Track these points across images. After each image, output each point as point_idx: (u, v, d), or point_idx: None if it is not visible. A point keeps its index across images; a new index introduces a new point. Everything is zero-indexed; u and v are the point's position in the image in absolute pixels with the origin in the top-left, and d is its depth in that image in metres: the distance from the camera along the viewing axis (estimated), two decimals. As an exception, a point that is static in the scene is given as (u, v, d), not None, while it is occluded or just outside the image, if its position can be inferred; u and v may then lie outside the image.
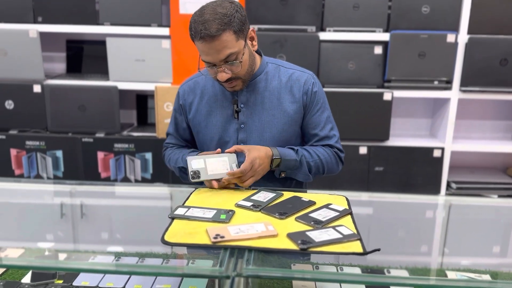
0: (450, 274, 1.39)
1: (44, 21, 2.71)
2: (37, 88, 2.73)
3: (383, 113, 2.69)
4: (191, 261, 1.36)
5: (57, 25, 2.71)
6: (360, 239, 1.12)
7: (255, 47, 1.55)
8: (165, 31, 2.68)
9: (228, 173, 1.44)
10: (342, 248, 1.08)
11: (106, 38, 2.72)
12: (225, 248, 1.08)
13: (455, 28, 2.63)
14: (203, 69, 1.55)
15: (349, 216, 1.26)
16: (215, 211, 1.26)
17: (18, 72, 2.75)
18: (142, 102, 3.03)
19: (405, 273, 1.40)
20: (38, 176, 2.80)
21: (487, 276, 1.38)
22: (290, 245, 1.09)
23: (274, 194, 1.41)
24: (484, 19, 2.60)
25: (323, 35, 2.67)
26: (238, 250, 1.08)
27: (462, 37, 2.62)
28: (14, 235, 1.65)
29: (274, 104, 1.58)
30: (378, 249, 1.08)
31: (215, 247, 1.09)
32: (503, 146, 2.85)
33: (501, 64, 2.62)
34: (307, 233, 1.13)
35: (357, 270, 1.39)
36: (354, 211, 1.30)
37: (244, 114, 1.59)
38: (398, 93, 2.69)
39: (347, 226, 1.18)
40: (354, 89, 2.69)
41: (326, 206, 1.31)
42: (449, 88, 2.70)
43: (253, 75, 1.58)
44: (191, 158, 1.46)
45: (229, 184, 1.47)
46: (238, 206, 1.32)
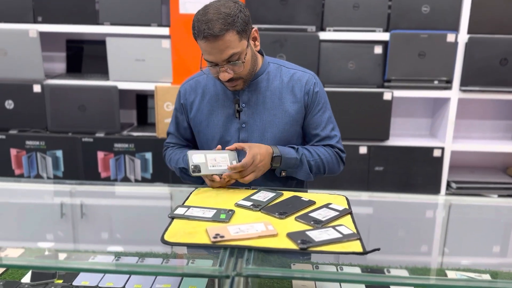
0: (450, 274, 1.39)
1: (44, 21, 2.72)
2: (37, 88, 2.73)
3: (383, 113, 2.69)
4: (191, 261, 1.36)
5: (57, 25, 2.71)
6: (360, 239, 1.12)
7: (258, 47, 1.55)
8: (165, 31, 2.68)
9: (229, 167, 1.43)
10: (342, 248, 1.08)
11: (106, 38, 2.72)
12: (225, 248, 1.08)
13: (455, 28, 2.63)
14: (205, 68, 1.55)
15: (349, 216, 1.26)
16: (215, 211, 1.26)
17: (18, 72, 2.75)
18: (142, 102, 3.03)
19: (405, 273, 1.41)
20: (38, 176, 2.80)
21: (487, 276, 1.38)
22: (290, 245, 1.09)
23: (274, 194, 1.41)
24: (484, 19, 2.60)
25: (323, 35, 2.66)
26: (238, 250, 1.08)
27: (462, 37, 2.62)
28: (14, 235, 1.65)
29: (276, 104, 1.58)
30: (378, 249, 1.08)
31: (215, 247, 1.09)
32: (503, 146, 2.85)
33: (501, 64, 2.62)
34: (307, 233, 1.13)
35: (357, 270, 1.39)
36: (354, 211, 1.30)
37: (246, 114, 1.59)
38: (398, 93, 2.69)
39: (347, 226, 1.18)
40: (354, 89, 2.69)
41: (326, 206, 1.31)
42: (449, 88, 2.69)
43: (255, 75, 1.58)
44: (192, 153, 1.46)
45: (229, 181, 1.47)
46: (238, 206, 1.32)
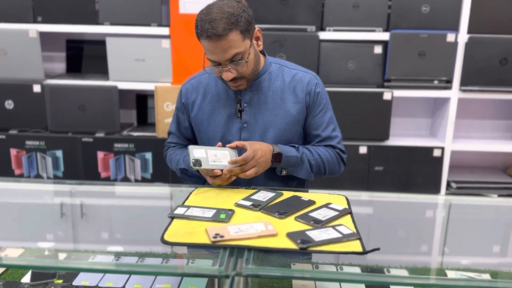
0: (450, 274, 1.39)
1: (44, 21, 2.72)
2: (37, 88, 2.73)
3: (383, 113, 2.69)
4: (191, 261, 1.36)
5: (57, 25, 2.71)
6: (360, 239, 1.12)
7: (260, 47, 1.55)
8: (165, 31, 2.68)
9: (231, 161, 1.43)
10: (342, 248, 1.08)
11: (106, 38, 2.72)
12: (225, 248, 1.08)
13: (455, 28, 2.63)
14: (208, 68, 1.55)
15: (349, 216, 1.26)
16: (215, 211, 1.26)
17: (18, 72, 2.75)
18: (142, 102, 3.03)
19: (405, 273, 1.41)
20: (38, 176, 2.80)
21: (487, 276, 1.38)
22: (290, 245, 1.09)
23: (274, 194, 1.41)
24: (484, 19, 2.60)
25: (323, 35, 2.66)
26: (238, 250, 1.08)
27: (462, 37, 2.62)
28: (14, 235, 1.65)
29: (277, 104, 1.58)
30: (378, 249, 1.08)
31: (215, 247, 1.09)
32: (503, 146, 2.85)
33: (501, 64, 2.62)
34: (307, 233, 1.13)
35: (357, 270, 1.39)
36: (354, 211, 1.30)
37: (247, 114, 1.59)
38: (398, 93, 2.69)
39: (347, 226, 1.18)
40: (354, 89, 2.69)
41: (326, 206, 1.31)
42: (449, 88, 2.69)
43: (257, 75, 1.58)
44: (193, 147, 1.45)
45: (230, 178, 1.46)
46: (238, 206, 1.32)
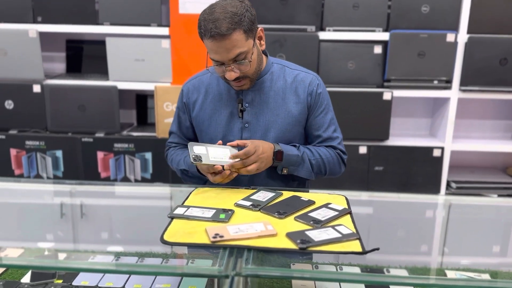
0: (450, 274, 1.39)
1: (44, 21, 2.72)
2: (37, 88, 2.73)
3: (383, 113, 2.69)
4: (191, 261, 1.37)
5: (57, 25, 2.71)
6: (359, 239, 1.12)
7: (263, 47, 1.56)
8: (165, 31, 2.68)
9: (232, 155, 1.43)
10: (341, 248, 1.08)
11: (106, 38, 2.72)
12: (224, 248, 1.08)
13: (455, 28, 2.63)
14: (210, 67, 1.55)
15: (348, 216, 1.26)
16: (214, 211, 1.26)
17: (18, 72, 2.75)
18: (142, 102, 3.03)
19: (405, 273, 1.41)
20: (38, 176, 2.80)
21: (487, 276, 1.38)
22: (289, 245, 1.09)
23: (274, 194, 1.41)
24: (484, 19, 2.60)
25: (323, 35, 2.67)
26: (237, 250, 1.08)
27: (462, 37, 2.62)
28: (14, 235, 1.65)
29: (279, 104, 1.58)
30: (377, 249, 1.08)
31: (214, 247, 1.09)
32: (503, 146, 2.85)
33: (501, 64, 2.62)
34: (306, 233, 1.13)
35: (357, 270, 1.39)
36: (354, 211, 1.30)
37: (249, 114, 1.58)
38: (398, 93, 2.69)
39: (346, 226, 1.18)
40: (354, 89, 2.69)
41: (326, 206, 1.31)
42: (449, 88, 2.69)
43: (259, 75, 1.58)
44: (193, 144, 1.45)
45: (231, 176, 1.46)
46: (238, 206, 1.32)
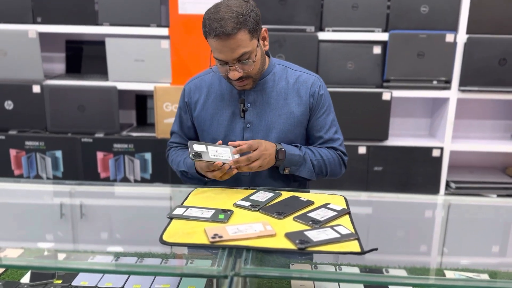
0: (449, 274, 1.39)
1: (44, 22, 2.72)
2: (37, 89, 2.73)
3: (382, 113, 2.69)
4: (190, 261, 1.37)
5: (57, 26, 2.72)
6: (358, 239, 1.12)
7: (267, 47, 1.56)
8: (164, 31, 2.68)
9: (235, 150, 1.43)
10: (340, 248, 1.09)
11: (105, 39, 2.72)
12: (223, 248, 1.09)
13: (454, 28, 2.63)
14: (214, 67, 1.55)
15: (347, 216, 1.27)
16: (214, 211, 1.26)
17: (18, 73, 2.75)
18: (142, 102, 3.04)
19: (404, 273, 1.41)
20: (38, 177, 2.80)
21: (486, 276, 1.38)
22: (288, 245, 1.09)
23: (273, 194, 1.41)
24: (483, 19, 2.60)
25: (322, 35, 2.67)
26: (236, 250, 1.08)
27: (461, 37, 2.62)
28: (14, 235, 1.65)
29: (281, 105, 1.59)
30: (376, 249, 1.08)
31: (213, 247, 1.10)
32: (502, 146, 2.85)
33: (500, 64, 2.62)
34: (305, 233, 1.14)
35: (356, 270, 1.39)
36: (354, 211, 1.30)
37: (251, 114, 1.59)
38: (397, 93, 2.69)
39: (345, 226, 1.18)
40: (353, 89, 2.70)
41: (324, 206, 1.32)
42: (448, 88, 2.70)
43: (262, 75, 1.58)
44: (193, 142, 1.45)
45: (231, 172, 1.45)
46: (237, 206, 1.32)
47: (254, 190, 1.45)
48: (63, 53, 3.02)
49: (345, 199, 1.39)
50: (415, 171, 2.74)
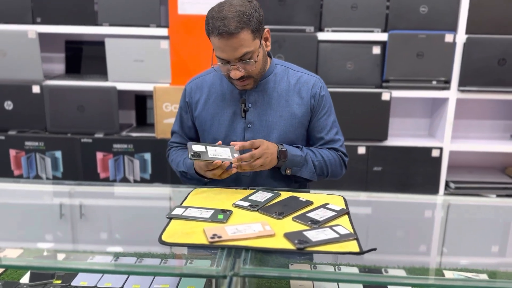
0: (448, 274, 1.39)
1: (43, 22, 2.72)
2: (36, 89, 2.74)
3: (382, 113, 2.69)
4: (189, 261, 1.37)
5: (56, 26, 2.72)
6: (357, 239, 1.13)
7: (269, 48, 1.56)
8: (164, 32, 2.68)
9: (238, 147, 1.43)
10: (339, 248, 1.09)
11: (105, 39, 2.72)
12: (222, 248, 1.09)
13: (453, 28, 2.63)
14: (216, 66, 1.55)
15: (346, 216, 1.27)
16: (213, 211, 1.27)
17: (17, 73, 2.75)
18: (141, 103, 3.04)
19: (403, 273, 1.41)
20: (37, 177, 2.80)
21: (485, 276, 1.39)
22: (287, 245, 1.10)
23: (272, 194, 1.41)
24: (482, 19, 2.60)
25: (322, 35, 2.67)
26: (235, 250, 1.08)
27: (460, 37, 2.62)
28: (14, 236, 1.65)
29: (282, 105, 1.59)
30: (374, 249, 1.09)
31: (213, 247, 1.10)
32: (502, 146, 2.85)
33: (499, 64, 2.62)
34: (304, 233, 1.14)
35: (355, 270, 1.39)
36: (353, 211, 1.30)
37: (252, 114, 1.59)
38: (397, 93, 2.70)
39: (344, 226, 1.18)
40: (353, 89, 2.70)
41: (323, 206, 1.32)
42: (448, 88, 2.70)
43: (263, 76, 1.58)
44: (192, 143, 1.45)
45: (230, 172, 1.45)
46: (236, 206, 1.32)
47: (253, 190, 1.45)
48: (63, 54, 3.03)
49: (344, 199, 1.39)
50: (415, 171, 2.74)
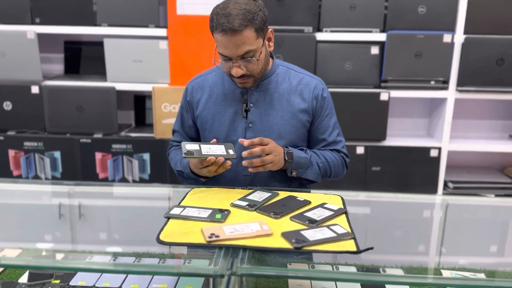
0: (446, 273, 1.39)
1: (42, 22, 2.72)
2: (35, 89, 2.74)
3: (380, 113, 2.70)
4: (187, 261, 1.37)
5: (55, 26, 2.72)
6: (354, 238, 1.13)
7: (271, 48, 1.57)
8: (163, 32, 2.68)
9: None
10: (336, 247, 1.09)
11: (104, 39, 2.72)
12: (220, 248, 1.09)
13: (452, 28, 2.64)
14: (219, 64, 1.55)
15: (344, 215, 1.27)
16: (211, 211, 1.27)
17: (16, 73, 2.76)
18: (140, 103, 3.04)
19: (400, 272, 1.41)
20: (36, 177, 2.80)
21: (482, 275, 1.39)
22: (285, 244, 1.10)
23: (270, 194, 1.41)
24: (481, 19, 2.61)
25: (320, 36, 2.67)
26: (233, 250, 1.08)
27: (459, 37, 2.63)
28: (12, 236, 1.66)
29: (283, 106, 1.59)
30: (371, 248, 1.09)
31: (210, 247, 1.10)
32: (500, 146, 2.85)
33: (497, 64, 2.63)
34: (302, 232, 1.14)
35: (353, 269, 1.40)
36: (351, 211, 1.30)
37: (253, 114, 1.59)
38: (395, 93, 2.70)
39: (342, 225, 1.19)
40: (351, 89, 2.70)
41: (321, 206, 1.32)
42: (446, 88, 2.70)
43: (264, 76, 1.59)
44: (186, 143, 1.45)
45: (225, 164, 1.44)
46: (234, 206, 1.32)
47: (251, 190, 1.45)
48: (62, 54, 3.03)
49: (342, 199, 1.40)
50: (413, 171, 2.75)
